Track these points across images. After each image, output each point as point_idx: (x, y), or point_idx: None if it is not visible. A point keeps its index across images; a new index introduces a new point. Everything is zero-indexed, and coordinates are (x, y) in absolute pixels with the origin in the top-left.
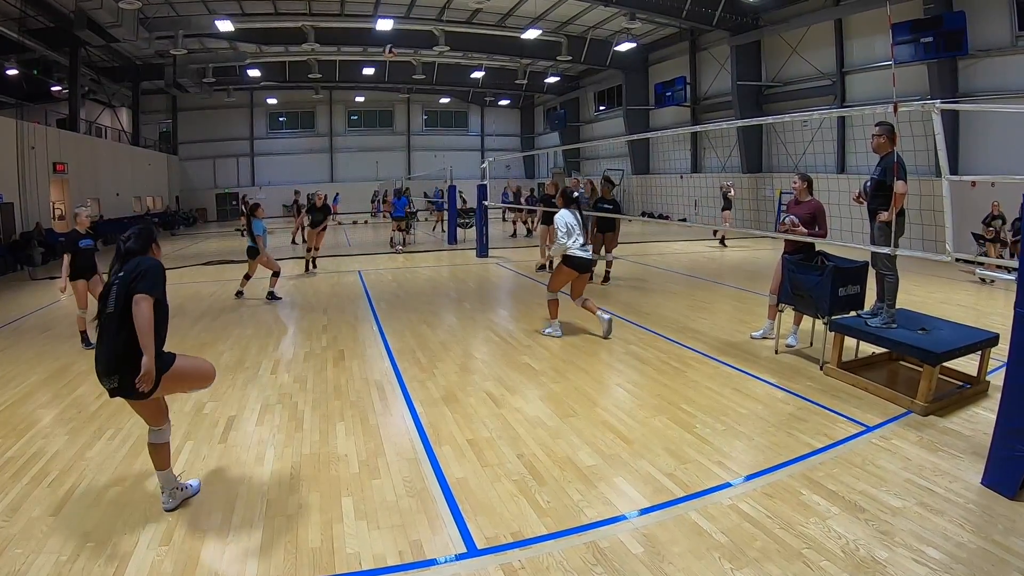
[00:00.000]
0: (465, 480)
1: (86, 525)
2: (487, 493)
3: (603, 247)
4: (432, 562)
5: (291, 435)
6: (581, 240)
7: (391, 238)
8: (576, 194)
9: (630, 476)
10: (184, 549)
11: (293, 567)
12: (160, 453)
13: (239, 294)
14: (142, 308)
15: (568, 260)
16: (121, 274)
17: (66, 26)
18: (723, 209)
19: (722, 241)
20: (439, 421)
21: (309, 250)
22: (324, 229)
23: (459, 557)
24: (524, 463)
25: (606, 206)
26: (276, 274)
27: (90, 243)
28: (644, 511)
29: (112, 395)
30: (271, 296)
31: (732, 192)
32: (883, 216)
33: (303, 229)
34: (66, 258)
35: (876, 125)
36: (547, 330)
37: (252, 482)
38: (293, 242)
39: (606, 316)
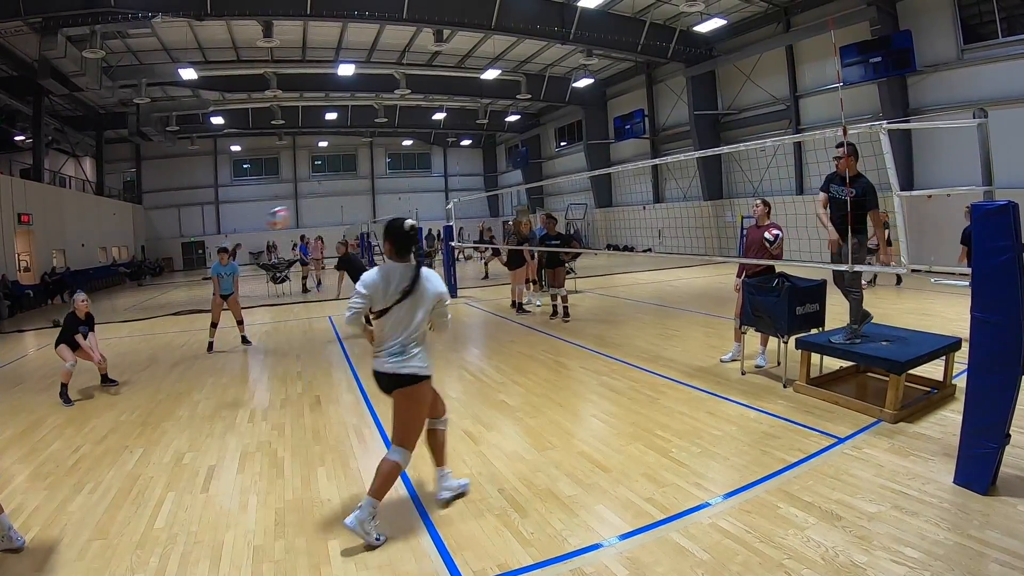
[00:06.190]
0: (448, 516)
1: None
2: (471, 528)
3: (552, 282)
4: None
5: (273, 482)
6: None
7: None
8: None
9: (610, 503)
10: None
11: None
12: None
13: (210, 347)
14: None
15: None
16: None
17: (29, 75)
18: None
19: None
20: (418, 461)
21: None
22: None
23: None
24: (506, 497)
25: (553, 242)
26: (241, 321)
27: (85, 330)
28: (626, 535)
29: None
30: (244, 341)
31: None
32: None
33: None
34: (63, 346)
35: (837, 147)
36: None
37: (238, 530)
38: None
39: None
